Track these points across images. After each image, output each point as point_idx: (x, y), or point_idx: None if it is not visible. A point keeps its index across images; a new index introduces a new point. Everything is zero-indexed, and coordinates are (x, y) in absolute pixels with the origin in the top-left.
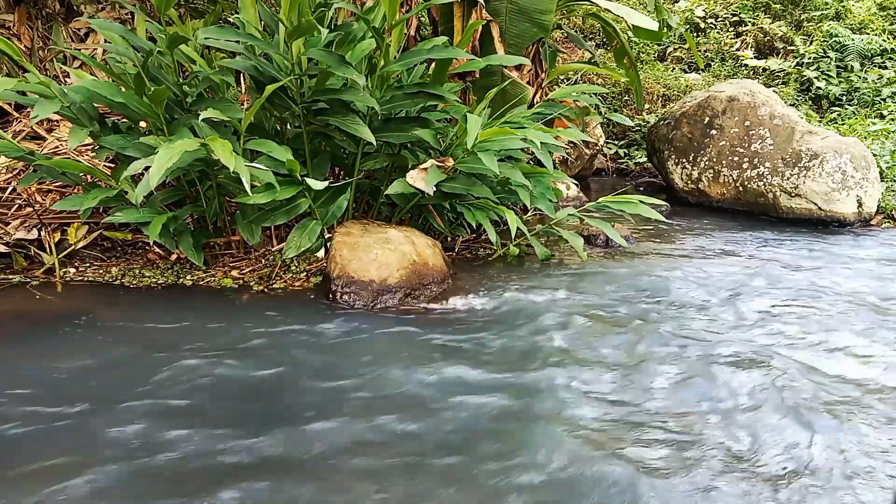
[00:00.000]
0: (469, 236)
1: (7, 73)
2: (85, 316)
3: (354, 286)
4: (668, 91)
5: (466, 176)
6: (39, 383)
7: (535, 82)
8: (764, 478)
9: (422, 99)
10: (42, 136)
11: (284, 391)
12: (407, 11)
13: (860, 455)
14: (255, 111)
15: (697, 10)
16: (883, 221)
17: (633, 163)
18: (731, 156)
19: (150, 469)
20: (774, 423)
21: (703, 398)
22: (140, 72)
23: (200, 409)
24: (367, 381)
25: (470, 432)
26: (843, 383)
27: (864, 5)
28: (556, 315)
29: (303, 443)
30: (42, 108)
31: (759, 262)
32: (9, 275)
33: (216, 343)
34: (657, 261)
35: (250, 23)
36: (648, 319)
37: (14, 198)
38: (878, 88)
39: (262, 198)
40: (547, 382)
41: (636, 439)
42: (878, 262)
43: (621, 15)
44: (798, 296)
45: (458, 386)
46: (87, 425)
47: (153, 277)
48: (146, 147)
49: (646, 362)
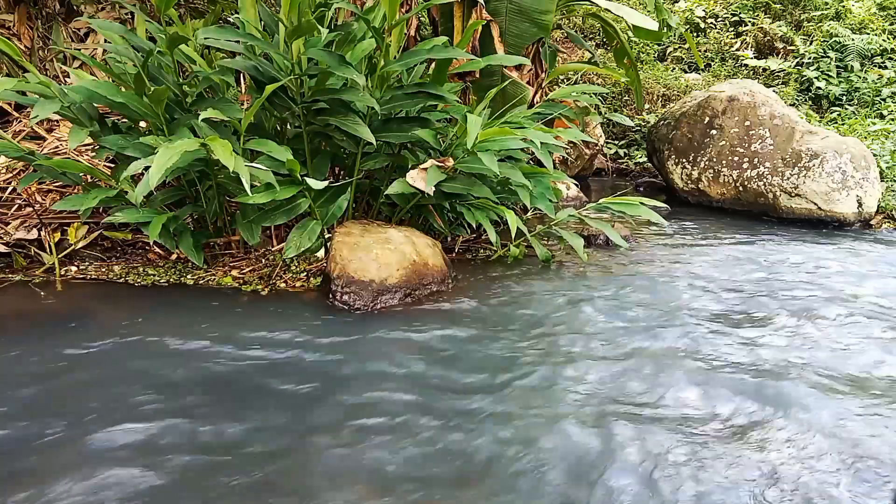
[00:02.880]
0: (469, 236)
1: (7, 73)
2: (85, 315)
3: (354, 286)
4: (668, 91)
5: (466, 176)
6: (39, 383)
7: (535, 82)
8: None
9: (422, 99)
10: (42, 136)
11: (284, 391)
12: (407, 11)
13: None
14: (255, 111)
15: (697, 10)
16: (883, 222)
17: (633, 163)
18: (731, 156)
19: (149, 469)
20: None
21: (702, 398)
22: (140, 72)
23: (200, 408)
24: (366, 381)
25: (470, 432)
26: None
27: (864, 5)
28: (556, 315)
29: (302, 441)
30: (42, 108)
31: (759, 261)
32: (9, 274)
33: (215, 343)
34: (657, 261)
35: (250, 23)
36: (648, 319)
37: (14, 198)
38: (878, 88)
39: (262, 198)
40: (546, 382)
41: (641, 443)
42: (878, 262)
43: (621, 15)
44: (797, 296)
45: (458, 386)
46: (86, 425)
47: (153, 277)
48: (146, 147)
49: (646, 362)
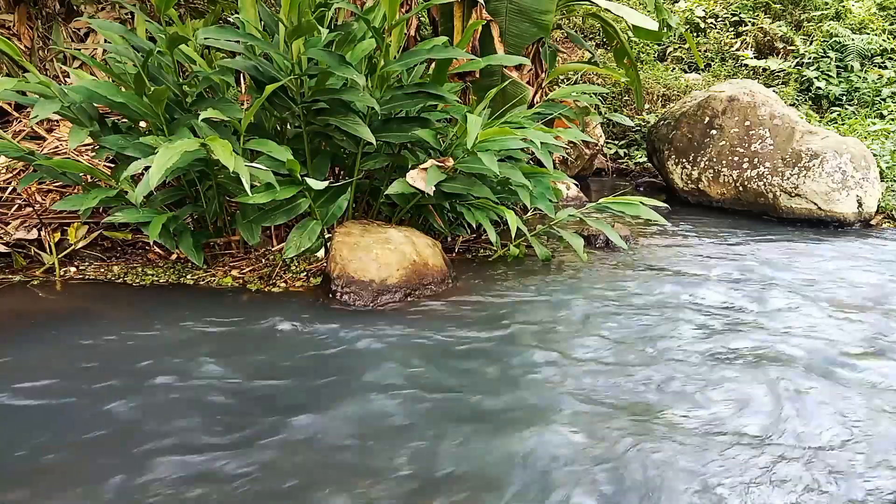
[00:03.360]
0: (469, 236)
1: (7, 73)
2: (84, 315)
3: (354, 286)
4: (668, 91)
5: (466, 176)
6: (39, 382)
7: (535, 82)
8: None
9: (422, 99)
10: (42, 136)
11: (283, 390)
12: (407, 11)
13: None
14: (255, 111)
15: (697, 10)
16: (883, 222)
17: (633, 163)
18: (731, 156)
19: (148, 468)
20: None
21: (702, 396)
22: (140, 72)
23: (200, 407)
24: (366, 381)
25: (468, 433)
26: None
27: (864, 5)
28: (555, 315)
29: (300, 442)
30: (42, 108)
31: (760, 261)
32: (9, 274)
33: (215, 343)
34: (657, 261)
35: (250, 23)
36: (648, 319)
37: (14, 198)
38: (878, 88)
39: (262, 198)
40: (546, 382)
41: (639, 449)
42: (879, 262)
43: (621, 15)
44: (797, 295)
45: (457, 386)
46: (86, 425)
47: (153, 277)
48: (146, 147)
49: (646, 362)
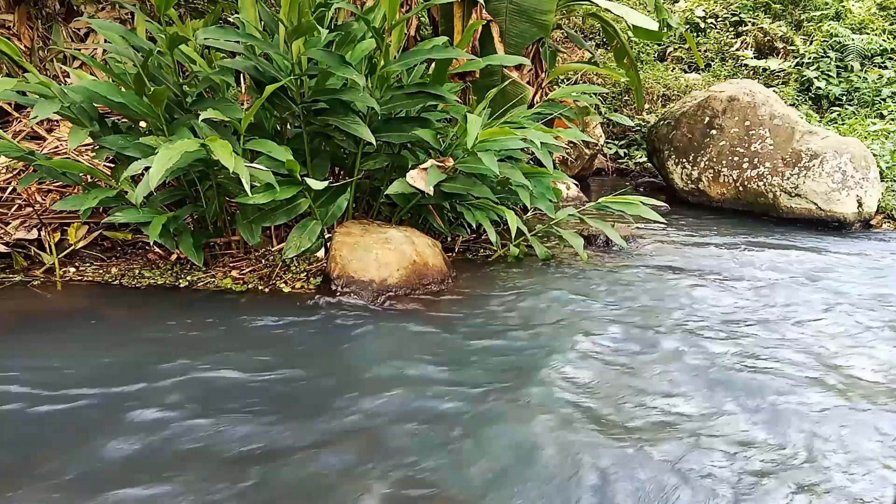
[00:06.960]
0: (469, 236)
1: (7, 73)
2: (85, 315)
3: (354, 286)
4: (668, 91)
5: (466, 176)
6: (38, 382)
7: (535, 82)
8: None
9: (422, 99)
10: (42, 136)
11: (283, 390)
12: (407, 11)
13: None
14: (255, 111)
15: (697, 10)
16: (883, 222)
17: (633, 163)
18: (731, 156)
19: (146, 468)
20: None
21: (702, 397)
22: (140, 72)
23: (200, 407)
24: (365, 381)
25: (467, 430)
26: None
27: (864, 5)
28: (555, 315)
29: (299, 441)
30: (42, 108)
31: (759, 261)
32: (9, 274)
33: (215, 343)
34: (657, 261)
35: (250, 23)
36: (648, 319)
37: (14, 198)
38: (878, 88)
39: (262, 198)
40: (544, 382)
41: (637, 450)
42: (878, 262)
43: (621, 15)
44: (796, 295)
45: (457, 386)
46: (86, 424)
47: (153, 278)
48: (146, 147)
49: (646, 362)
